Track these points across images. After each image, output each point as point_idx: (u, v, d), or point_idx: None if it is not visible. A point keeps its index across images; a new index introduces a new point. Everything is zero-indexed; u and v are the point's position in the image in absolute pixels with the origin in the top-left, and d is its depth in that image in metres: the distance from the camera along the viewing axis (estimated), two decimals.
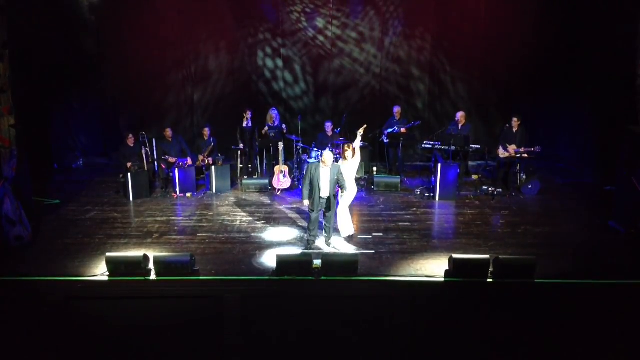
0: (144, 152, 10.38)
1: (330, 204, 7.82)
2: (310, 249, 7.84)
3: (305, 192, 7.81)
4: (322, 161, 7.71)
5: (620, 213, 8.64)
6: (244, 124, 11.34)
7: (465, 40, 12.12)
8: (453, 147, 10.42)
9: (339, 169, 7.78)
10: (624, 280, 6.89)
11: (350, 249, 7.84)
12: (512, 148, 10.38)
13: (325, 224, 8.01)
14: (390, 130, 11.19)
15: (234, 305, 6.75)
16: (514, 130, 10.49)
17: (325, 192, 7.75)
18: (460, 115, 10.96)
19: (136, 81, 12.25)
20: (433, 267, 7.17)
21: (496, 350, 6.79)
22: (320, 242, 8.06)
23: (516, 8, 11.72)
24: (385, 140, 11.36)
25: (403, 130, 11.10)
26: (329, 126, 11.03)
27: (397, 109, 11.46)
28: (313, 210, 7.82)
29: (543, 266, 6.80)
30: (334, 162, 7.78)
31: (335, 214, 8.13)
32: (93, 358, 6.91)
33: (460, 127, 10.89)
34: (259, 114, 11.71)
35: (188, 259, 6.78)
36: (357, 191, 10.47)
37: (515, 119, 10.50)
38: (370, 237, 8.32)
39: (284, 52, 12.48)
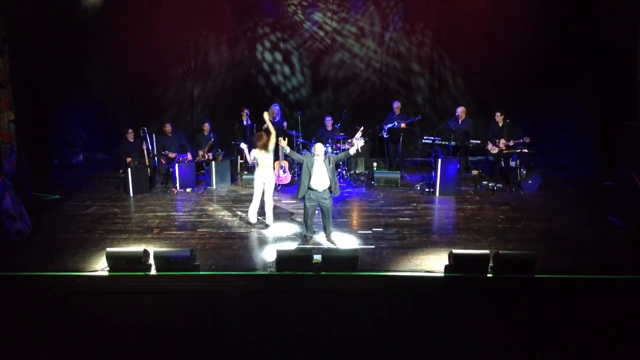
0: (144, 147, 10.40)
1: (327, 197, 7.76)
2: (307, 244, 7.83)
3: (301, 187, 7.80)
4: (314, 153, 7.70)
5: (620, 209, 8.64)
6: (244, 122, 11.36)
7: (466, 35, 12.10)
8: (453, 143, 10.41)
9: (329, 155, 7.76)
10: (623, 275, 6.89)
11: (350, 244, 7.84)
12: (501, 142, 10.40)
13: (323, 220, 7.96)
14: (390, 125, 11.18)
15: (234, 300, 6.75)
16: (500, 124, 10.49)
17: (317, 184, 7.67)
18: (460, 111, 10.95)
19: (136, 76, 12.25)
20: (433, 262, 7.17)
21: (496, 345, 6.80)
22: (320, 238, 8.07)
23: (517, 3, 11.70)
24: (385, 136, 11.35)
25: (403, 125, 11.08)
26: (328, 121, 11.03)
27: (396, 104, 11.45)
28: (306, 203, 7.77)
29: (543, 261, 6.79)
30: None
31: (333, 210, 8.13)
32: (93, 353, 6.90)
33: (460, 122, 10.88)
34: (259, 109, 11.69)
35: (188, 254, 6.77)
36: (357, 186, 10.58)
37: (498, 114, 10.53)
38: (370, 232, 8.32)
39: (284, 47, 12.47)
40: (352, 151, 7.81)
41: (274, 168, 10.52)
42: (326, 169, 7.66)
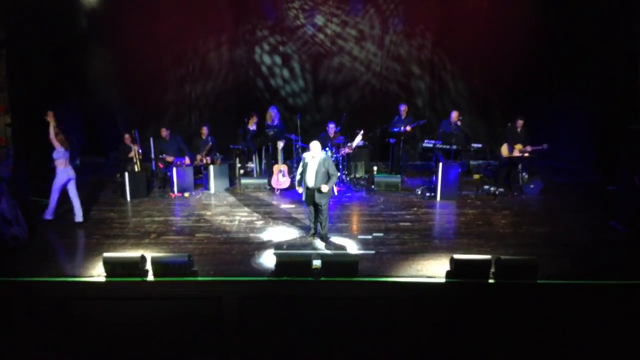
0: (134, 149, 10.26)
1: (316, 197, 7.88)
2: (306, 239, 8.14)
3: (297, 180, 8.18)
4: (311, 153, 7.88)
5: (621, 213, 8.61)
6: (250, 127, 11.31)
7: (466, 38, 12.07)
8: (454, 147, 10.35)
9: (328, 161, 7.90)
10: (625, 280, 6.84)
11: (350, 249, 7.80)
12: (518, 147, 10.32)
13: (318, 216, 8.08)
14: (396, 129, 11.11)
15: (232, 306, 6.69)
16: (519, 130, 10.43)
17: (311, 182, 7.87)
18: (455, 115, 10.89)
19: (134, 80, 12.18)
20: (434, 268, 7.12)
21: (498, 352, 6.74)
22: (319, 240, 8.09)
23: (517, 6, 11.67)
24: (392, 141, 11.29)
25: (408, 128, 11.05)
26: (331, 127, 10.87)
27: (403, 107, 11.37)
28: (305, 200, 8.11)
29: (544, 266, 6.73)
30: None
31: (329, 206, 8.23)
32: (90, 358, 6.85)
33: (454, 125, 10.79)
34: (258, 112, 11.66)
35: (186, 260, 6.71)
36: (357, 191, 10.52)
37: (521, 121, 10.44)
38: (371, 237, 8.27)
39: (283, 50, 12.43)
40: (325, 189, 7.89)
41: (272, 172, 10.52)
42: (316, 172, 7.82)
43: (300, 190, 8.22)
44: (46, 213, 8.72)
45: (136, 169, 10.27)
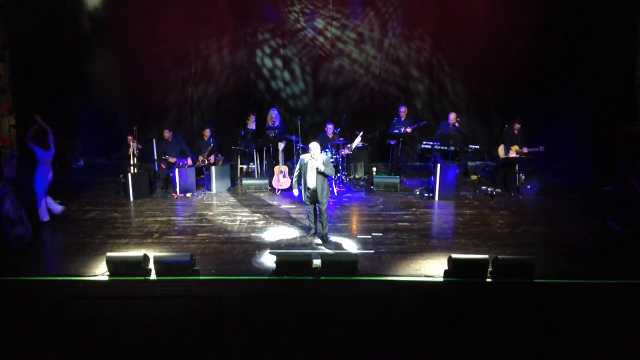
0: (132, 146, 10.32)
1: (318, 196, 7.95)
2: (307, 238, 8.23)
3: (295, 181, 8.30)
4: (310, 154, 7.94)
5: (618, 213, 8.66)
6: (249, 126, 11.41)
7: (465, 41, 12.14)
8: (452, 148, 10.43)
9: (325, 160, 7.96)
10: (622, 280, 6.90)
11: (350, 249, 7.88)
12: (514, 149, 10.39)
13: (318, 216, 8.17)
14: (396, 131, 11.19)
15: (234, 305, 6.75)
16: (516, 132, 10.50)
17: (311, 183, 7.94)
18: (452, 117, 10.96)
19: (136, 81, 12.27)
20: (432, 267, 7.19)
21: (495, 350, 6.80)
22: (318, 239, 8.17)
23: (515, 8, 11.74)
24: (392, 142, 11.37)
25: (409, 130, 11.13)
26: (330, 128, 10.99)
27: (403, 109, 11.44)
28: (305, 201, 8.16)
29: (542, 266, 6.80)
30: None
31: (329, 206, 8.31)
32: (93, 358, 6.91)
33: (451, 127, 10.86)
34: (259, 113, 11.75)
35: (188, 259, 6.77)
36: (357, 191, 10.60)
37: (518, 125, 10.49)
38: (370, 237, 8.34)
39: (284, 53, 12.51)
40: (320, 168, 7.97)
41: (273, 173, 10.60)
42: (316, 172, 7.88)
43: (296, 192, 8.32)
44: (40, 215, 8.73)
45: (133, 168, 10.30)
